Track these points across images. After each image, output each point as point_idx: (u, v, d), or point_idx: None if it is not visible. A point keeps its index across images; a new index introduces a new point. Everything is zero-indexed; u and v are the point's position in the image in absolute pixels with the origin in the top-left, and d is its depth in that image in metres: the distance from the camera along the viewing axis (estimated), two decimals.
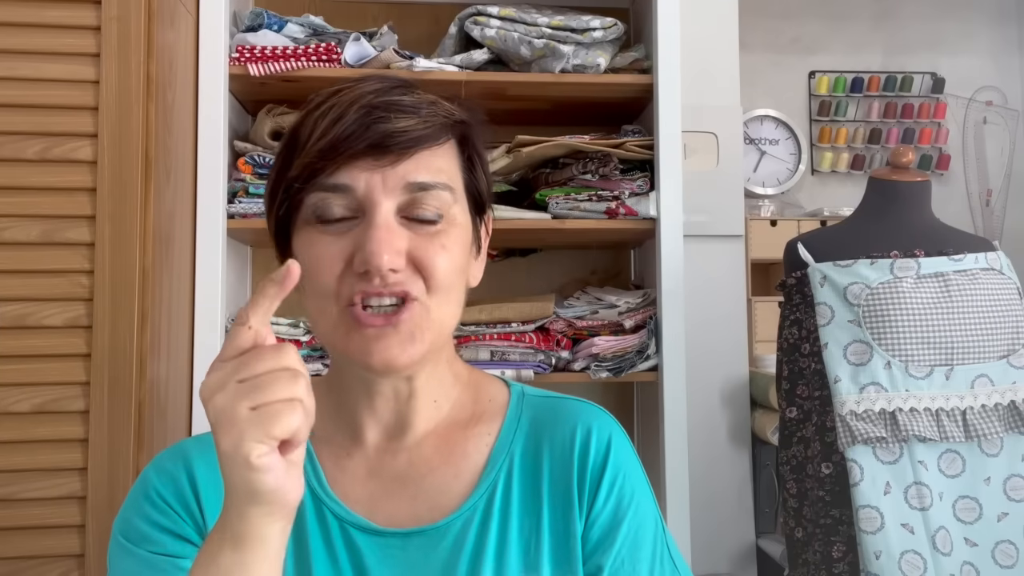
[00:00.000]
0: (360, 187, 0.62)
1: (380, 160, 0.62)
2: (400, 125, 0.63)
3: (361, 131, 0.62)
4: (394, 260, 0.61)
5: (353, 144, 0.62)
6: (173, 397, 1.42)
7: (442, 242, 0.64)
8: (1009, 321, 1.46)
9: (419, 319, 0.63)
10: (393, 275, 0.61)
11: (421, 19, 1.92)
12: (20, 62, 1.27)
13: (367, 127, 0.62)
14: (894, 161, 1.60)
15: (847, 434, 1.38)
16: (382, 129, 0.62)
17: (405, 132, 0.63)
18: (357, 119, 0.63)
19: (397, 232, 0.62)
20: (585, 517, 0.69)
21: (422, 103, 0.66)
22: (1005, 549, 1.38)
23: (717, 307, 2.09)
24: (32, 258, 1.26)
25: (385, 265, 0.60)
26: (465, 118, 0.69)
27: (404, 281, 0.62)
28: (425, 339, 0.64)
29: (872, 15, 3.27)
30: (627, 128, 1.78)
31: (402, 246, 0.62)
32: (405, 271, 0.62)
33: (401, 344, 0.62)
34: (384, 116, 0.63)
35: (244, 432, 0.50)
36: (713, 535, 2.05)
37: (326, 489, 0.69)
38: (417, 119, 0.64)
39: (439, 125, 0.65)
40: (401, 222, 0.63)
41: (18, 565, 1.23)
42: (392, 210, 0.63)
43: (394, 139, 0.62)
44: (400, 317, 0.62)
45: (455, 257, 0.65)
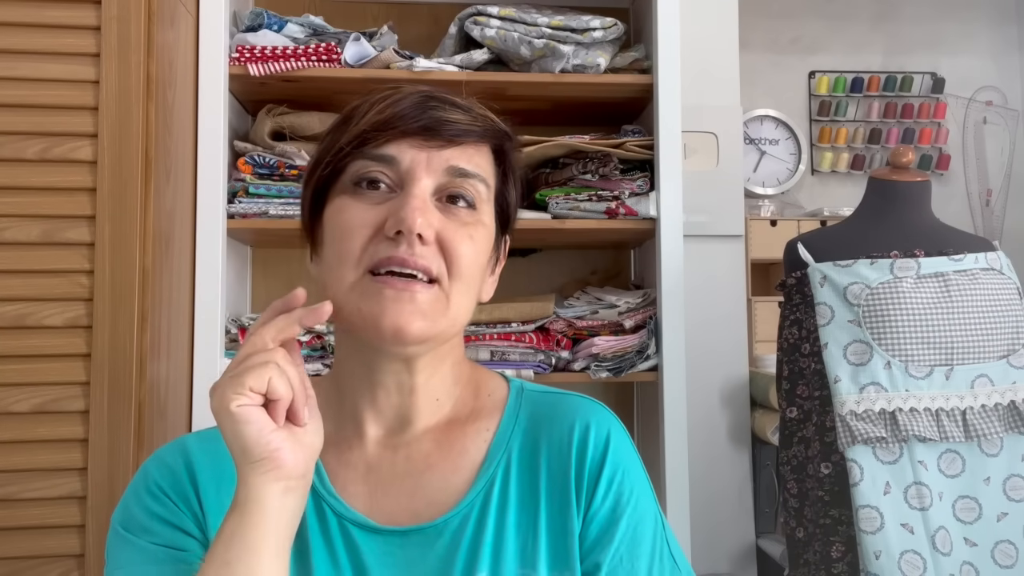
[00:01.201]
0: (405, 160, 0.65)
1: (429, 142, 0.66)
2: (453, 116, 0.67)
3: (417, 113, 0.66)
4: (425, 228, 0.63)
5: (407, 122, 0.66)
6: (173, 397, 1.42)
7: (471, 232, 0.67)
8: (1009, 321, 1.46)
9: (438, 301, 0.64)
10: (420, 246, 0.63)
11: (421, 19, 1.92)
12: (20, 62, 1.28)
13: (423, 111, 0.66)
14: (894, 161, 1.60)
15: (847, 434, 1.38)
16: (436, 115, 0.66)
17: (456, 122, 0.67)
18: (414, 103, 0.67)
19: (431, 208, 0.65)
20: (583, 514, 0.69)
21: (474, 107, 0.71)
22: (1005, 549, 1.39)
23: (717, 307, 2.09)
24: (32, 258, 1.26)
25: (417, 228, 0.62)
26: (508, 131, 0.74)
27: (429, 257, 0.64)
28: (438, 323, 0.64)
29: (872, 15, 3.27)
30: (627, 128, 1.78)
31: (435, 222, 0.64)
32: (432, 248, 0.64)
33: (414, 314, 0.63)
34: (439, 105, 0.67)
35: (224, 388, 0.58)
36: (713, 535, 2.05)
37: (326, 485, 0.69)
38: (468, 116, 0.68)
39: (485, 127, 0.70)
40: (436, 204, 0.66)
41: (18, 565, 1.23)
42: (430, 188, 0.66)
43: (445, 126, 0.66)
44: (419, 287, 0.63)
45: (479, 251, 0.68)
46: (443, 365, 0.72)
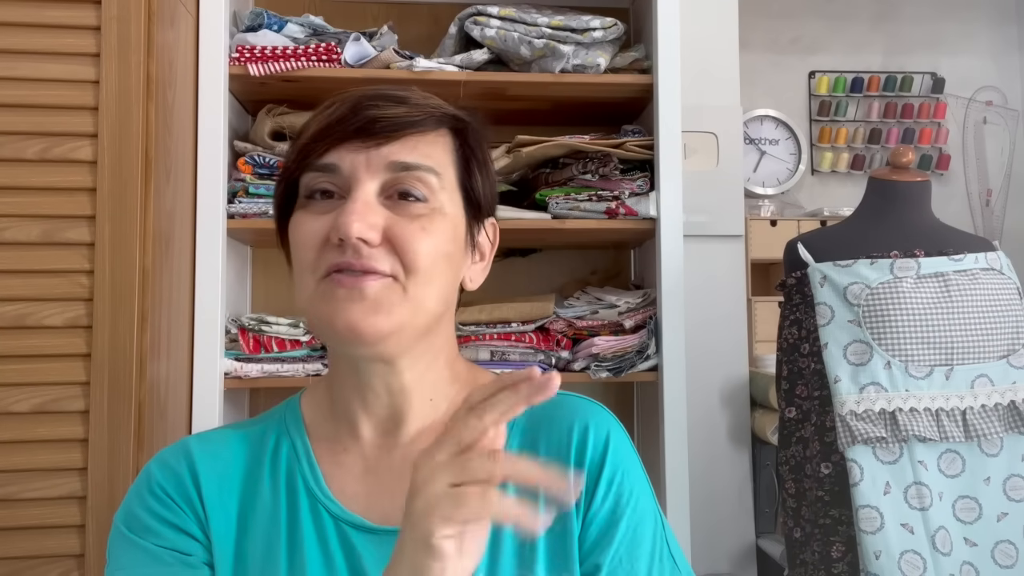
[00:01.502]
0: (345, 166, 0.65)
1: (366, 142, 0.65)
2: (389, 112, 0.66)
3: (350, 116, 0.66)
4: (365, 231, 0.62)
5: (343, 127, 0.66)
6: (173, 397, 1.42)
7: (423, 224, 0.65)
8: (1009, 321, 1.46)
9: (391, 292, 0.63)
10: (366, 249, 0.62)
11: (421, 19, 1.92)
12: (20, 62, 1.27)
13: (356, 112, 0.66)
14: (894, 161, 1.60)
15: (847, 434, 1.38)
16: (370, 115, 0.66)
17: (392, 117, 0.66)
18: (349, 107, 0.67)
19: (374, 208, 0.64)
20: (583, 515, 0.69)
21: (414, 96, 0.69)
22: (1005, 549, 1.39)
23: (717, 307, 2.09)
24: (32, 258, 1.26)
25: (354, 233, 0.61)
26: (458, 114, 0.71)
27: (379, 258, 0.63)
28: (393, 314, 0.63)
29: (872, 15, 3.27)
30: (627, 128, 1.78)
31: (377, 221, 0.63)
32: (380, 249, 0.63)
33: (365, 312, 0.62)
34: (374, 104, 0.67)
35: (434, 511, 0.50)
36: (713, 535, 2.05)
37: (322, 487, 0.69)
38: (406, 107, 0.67)
39: (428, 115, 0.68)
40: (384, 203, 0.65)
41: (18, 565, 1.23)
42: (374, 189, 0.65)
43: (380, 123, 0.65)
44: (365, 283, 0.62)
45: (438, 242, 0.66)
46: (435, 363, 0.71)
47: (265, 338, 1.58)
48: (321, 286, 0.64)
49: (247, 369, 1.55)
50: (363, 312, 0.62)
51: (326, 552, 0.67)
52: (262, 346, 1.57)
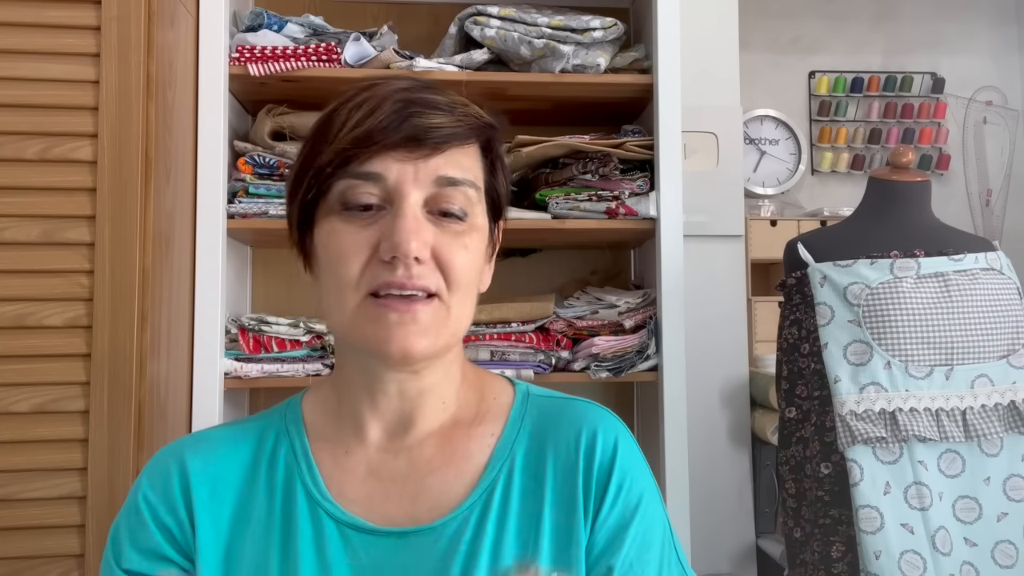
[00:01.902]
0: (392, 176, 0.63)
1: (413, 152, 0.63)
2: (435, 121, 0.64)
3: (397, 123, 0.63)
4: (421, 250, 0.62)
5: (389, 135, 0.63)
6: (173, 397, 1.42)
7: (464, 242, 0.65)
8: (1009, 321, 1.46)
9: (439, 315, 0.64)
10: (417, 266, 0.62)
11: (421, 19, 1.92)
12: (20, 62, 1.28)
13: (403, 119, 0.63)
14: (894, 161, 1.60)
15: (847, 434, 1.38)
16: (418, 123, 0.63)
17: (440, 128, 0.64)
18: (393, 111, 0.64)
19: (424, 224, 0.63)
20: (591, 521, 0.68)
21: (456, 104, 0.67)
22: (1005, 549, 1.38)
23: (717, 307, 2.09)
24: (32, 258, 1.26)
25: (413, 252, 0.61)
26: (492, 123, 0.71)
27: (427, 275, 0.63)
28: (441, 336, 0.64)
29: (872, 15, 3.27)
30: (627, 128, 1.78)
31: (429, 238, 0.63)
32: (428, 265, 0.63)
33: (419, 334, 0.62)
34: (420, 111, 0.64)
35: None
36: (713, 535, 2.05)
37: (321, 489, 0.68)
38: (451, 117, 0.65)
39: (469, 126, 0.67)
40: (427, 217, 0.64)
41: (18, 565, 1.23)
42: (420, 202, 0.64)
43: (429, 133, 0.64)
44: (420, 307, 0.62)
45: (475, 259, 0.67)
46: (451, 367, 0.72)
47: (265, 338, 1.58)
48: (367, 305, 0.63)
49: (247, 369, 1.55)
50: (416, 336, 0.62)
51: (322, 555, 0.66)
52: (262, 346, 1.57)
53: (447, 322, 0.65)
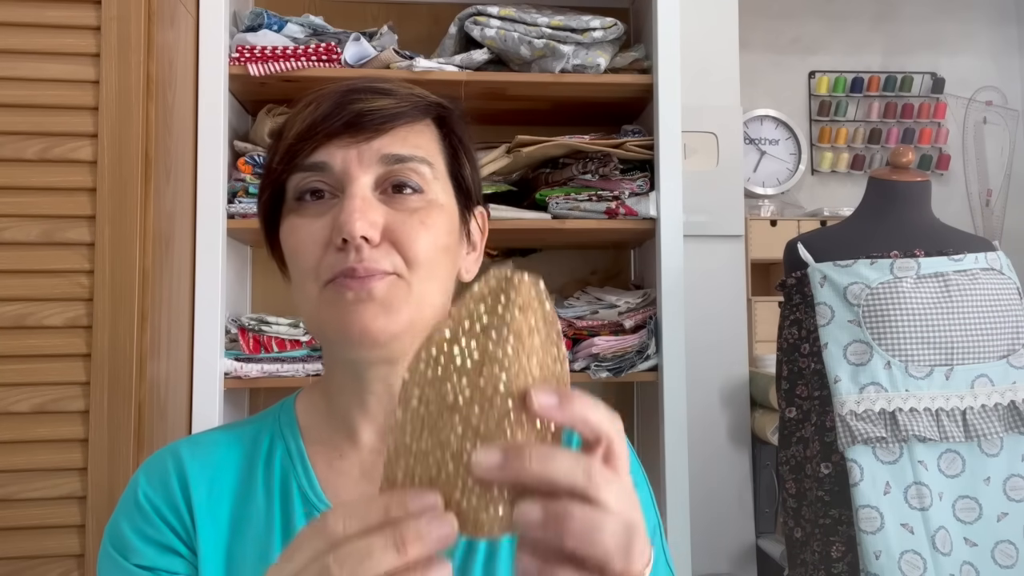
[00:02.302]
0: (337, 163, 0.63)
1: (356, 137, 0.63)
2: (375, 104, 0.64)
3: (337, 111, 0.64)
4: (367, 229, 0.60)
5: (329, 123, 0.63)
6: (173, 397, 1.42)
7: (421, 218, 0.64)
8: (1009, 321, 1.46)
9: (397, 290, 0.62)
10: (369, 249, 0.61)
11: (421, 19, 1.92)
12: (20, 62, 1.28)
13: (343, 107, 0.64)
14: (894, 161, 1.60)
15: (847, 434, 1.38)
16: (357, 108, 0.64)
17: (380, 110, 0.64)
18: (334, 102, 0.64)
19: (373, 204, 0.62)
20: None
21: (399, 87, 0.67)
22: (1005, 549, 1.38)
23: (717, 307, 2.09)
24: (32, 258, 1.26)
25: (358, 231, 0.60)
26: (442, 101, 0.70)
27: (380, 258, 0.61)
28: (402, 312, 0.62)
29: (872, 15, 3.27)
30: (627, 128, 1.78)
31: (378, 219, 0.62)
32: (382, 247, 0.62)
33: (376, 314, 0.61)
34: (359, 97, 0.64)
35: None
36: (713, 535, 2.05)
37: (317, 492, 0.68)
38: (392, 99, 0.65)
39: (414, 105, 0.66)
40: (380, 198, 0.63)
41: (18, 565, 1.23)
42: (369, 184, 0.63)
43: (368, 116, 0.63)
44: (373, 284, 0.61)
45: (437, 235, 0.64)
46: None
47: (265, 338, 1.58)
48: (326, 292, 0.62)
49: (247, 369, 1.55)
50: (373, 314, 0.61)
51: None
52: (262, 346, 1.57)
53: (408, 298, 0.62)
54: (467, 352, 0.40)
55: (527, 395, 0.40)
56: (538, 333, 0.41)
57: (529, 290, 0.41)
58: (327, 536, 0.40)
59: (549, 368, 0.41)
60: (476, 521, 0.39)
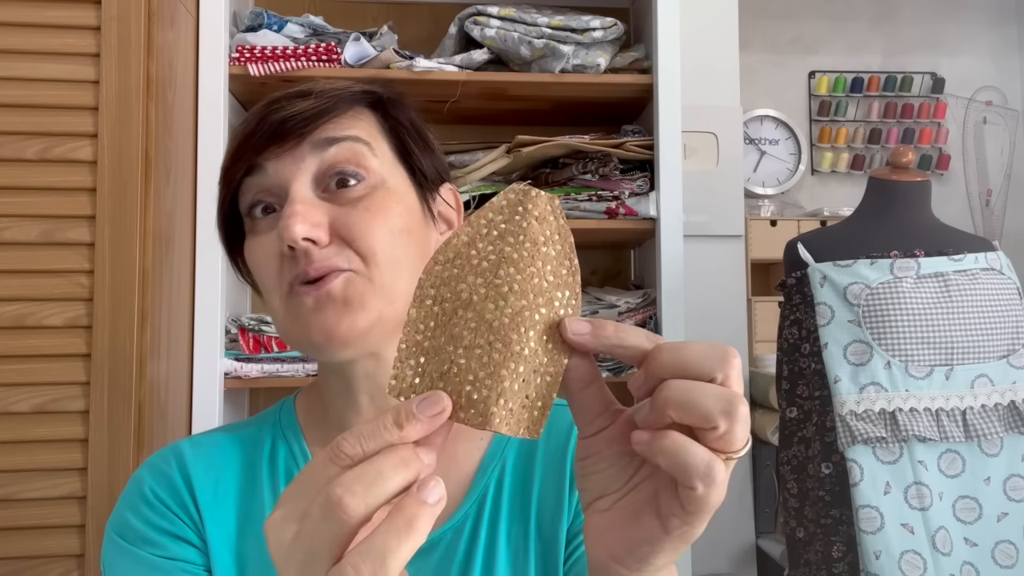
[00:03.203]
0: (270, 174, 0.63)
1: (283, 145, 0.62)
2: (294, 109, 0.63)
3: (259, 125, 0.63)
4: (309, 231, 0.59)
5: (255, 139, 0.63)
6: (173, 397, 1.42)
7: (367, 205, 0.62)
8: (1009, 321, 1.46)
9: (354, 286, 0.60)
10: (317, 250, 0.60)
11: (421, 19, 1.92)
12: (20, 62, 1.28)
13: (264, 120, 0.63)
14: (894, 161, 1.60)
15: (847, 434, 1.38)
16: (276, 117, 0.63)
17: (300, 113, 0.63)
18: (257, 117, 0.64)
19: (315, 204, 0.61)
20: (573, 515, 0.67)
21: (317, 86, 0.66)
22: (1005, 549, 1.38)
23: (717, 307, 2.09)
24: (32, 258, 1.26)
25: (299, 235, 0.58)
26: (368, 88, 0.68)
27: (330, 256, 0.60)
28: (369, 307, 0.60)
29: (872, 15, 3.27)
30: (627, 128, 1.78)
31: (320, 218, 0.60)
32: (332, 246, 0.60)
33: (338, 314, 0.59)
34: (279, 107, 0.63)
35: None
36: (713, 535, 2.05)
37: None
38: (312, 99, 0.64)
39: (336, 99, 0.65)
40: (323, 196, 0.62)
41: (18, 565, 1.23)
42: (307, 184, 0.62)
43: (289, 123, 0.62)
44: (328, 285, 0.59)
45: (390, 221, 0.62)
46: None
47: (265, 338, 1.58)
48: (288, 303, 0.61)
49: (247, 369, 1.55)
50: (336, 315, 0.59)
51: None
52: (262, 346, 1.57)
53: (371, 291, 0.60)
54: (483, 253, 0.41)
55: (560, 324, 0.41)
56: (553, 244, 0.42)
57: (546, 204, 0.42)
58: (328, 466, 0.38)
59: (563, 278, 0.42)
60: (486, 413, 0.39)
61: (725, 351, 0.39)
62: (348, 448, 0.38)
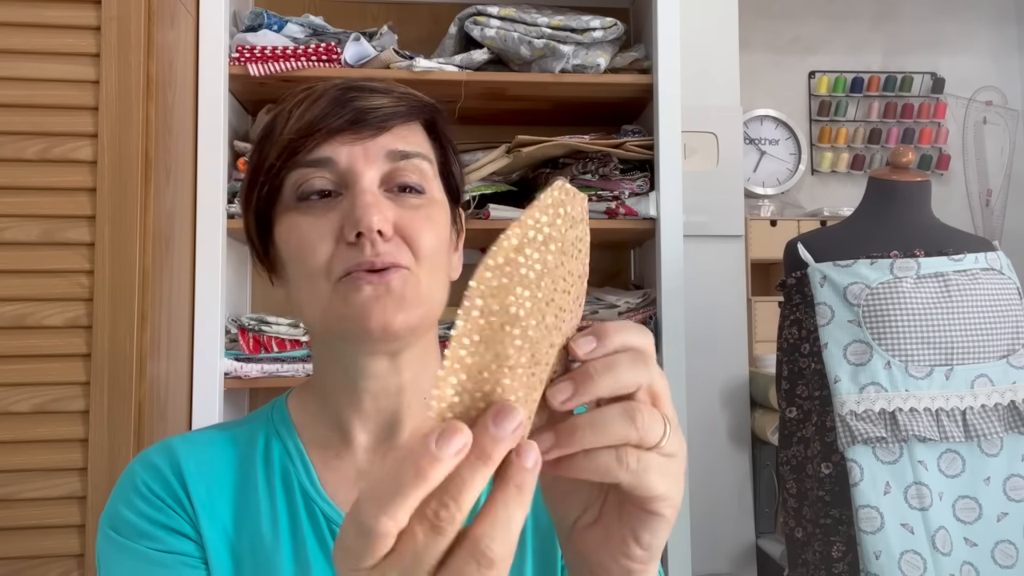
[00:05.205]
0: (343, 159, 0.63)
1: (359, 134, 0.63)
2: (376, 102, 0.64)
3: (338, 109, 0.63)
4: (384, 224, 0.61)
5: (332, 120, 0.63)
6: (173, 397, 1.42)
7: (427, 214, 0.64)
8: (1009, 321, 1.46)
9: (411, 284, 0.62)
10: (383, 243, 0.61)
11: (421, 19, 1.92)
12: (20, 62, 1.28)
13: (344, 104, 0.63)
14: (894, 161, 1.60)
15: (847, 434, 1.38)
16: (359, 105, 0.63)
17: (381, 107, 0.64)
18: (333, 99, 0.64)
19: (384, 200, 0.63)
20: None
21: (393, 86, 0.68)
22: (1005, 549, 1.39)
23: (717, 307, 2.10)
24: (32, 258, 1.26)
25: (376, 225, 0.60)
26: (434, 103, 0.70)
27: (394, 251, 0.62)
28: (415, 308, 0.62)
29: (872, 15, 3.27)
30: (627, 128, 1.78)
31: (390, 214, 0.62)
32: (393, 242, 0.62)
33: (395, 307, 0.61)
34: (358, 95, 0.64)
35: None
36: (713, 535, 2.05)
37: (318, 489, 0.67)
38: (390, 98, 0.65)
39: (411, 105, 0.67)
40: (385, 195, 0.63)
41: (18, 565, 1.23)
42: (376, 180, 0.63)
43: (371, 113, 0.63)
44: (391, 278, 0.61)
45: (440, 231, 0.65)
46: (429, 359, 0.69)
47: (265, 338, 1.58)
48: (341, 287, 0.62)
49: (247, 369, 1.55)
50: (394, 308, 0.61)
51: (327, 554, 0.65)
52: (262, 346, 1.57)
53: (419, 293, 0.63)
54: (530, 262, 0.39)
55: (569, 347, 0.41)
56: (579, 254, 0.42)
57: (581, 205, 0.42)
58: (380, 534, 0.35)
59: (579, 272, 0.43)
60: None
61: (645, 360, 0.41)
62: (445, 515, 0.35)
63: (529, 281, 0.39)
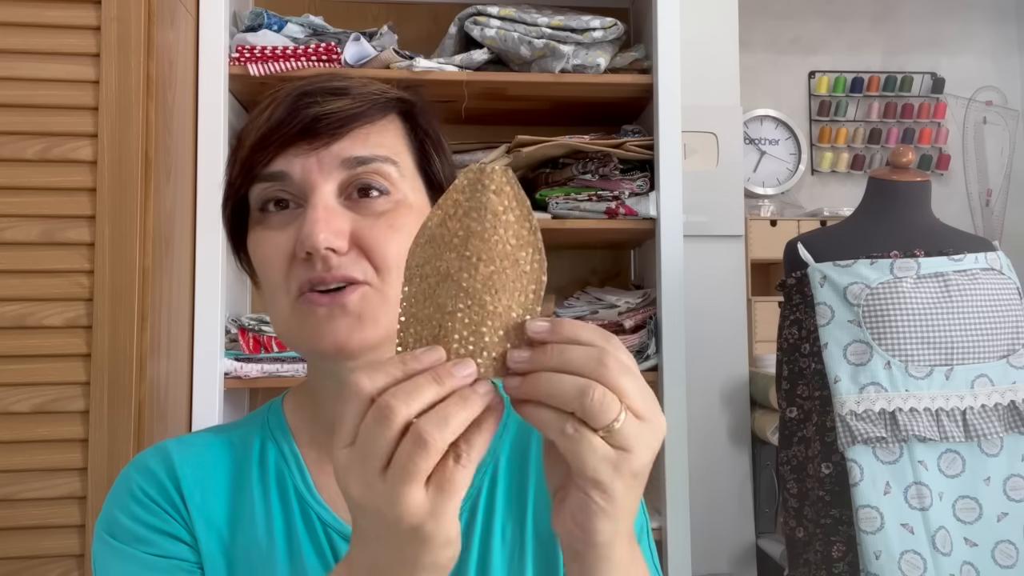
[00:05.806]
0: (296, 172, 0.61)
1: (313, 143, 0.61)
2: (330, 107, 0.62)
3: (291, 118, 0.61)
4: (332, 240, 0.59)
5: (283, 131, 0.61)
6: (173, 397, 1.42)
7: (390, 222, 0.62)
8: (1009, 321, 1.46)
9: (369, 301, 0.60)
10: (336, 258, 0.59)
11: (421, 19, 1.92)
12: (20, 62, 1.28)
13: (296, 113, 0.62)
14: (894, 161, 1.60)
15: (847, 434, 1.38)
16: (311, 113, 0.61)
17: (335, 112, 0.62)
18: (287, 108, 0.62)
19: (338, 213, 0.61)
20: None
21: (353, 85, 0.65)
22: (1005, 549, 1.39)
23: (717, 307, 2.10)
24: (32, 258, 1.26)
25: (322, 244, 0.58)
26: (403, 95, 0.67)
27: (348, 265, 0.60)
28: (380, 322, 0.61)
29: (872, 15, 3.27)
30: (627, 128, 1.78)
31: (343, 227, 0.60)
32: (350, 255, 0.60)
33: (350, 327, 0.59)
34: (312, 102, 0.62)
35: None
36: (713, 535, 2.05)
37: (313, 493, 0.67)
38: (348, 99, 0.63)
39: (372, 103, 0.64)
40: (345, 204, 0.62)
41: (18, 565, 1.23)
42: (332, 192, 0.61)
43: (323, 120, 0.61)
44: (345, 299, 0.59)
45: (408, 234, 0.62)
46: None
47: (265, 338, 1.58)
48: (297, 306, 0.61)
49: (247, 369, 1.55)
50: (348, 328, 0.59)
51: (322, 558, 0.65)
52: (262, 346, 1.57)
53: (384, 305, 0.61)
54: (453, 231, 0.47)
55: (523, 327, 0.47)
56: (512, 211, 0.48)
57: (501, 176, 0.48)
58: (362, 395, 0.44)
59: (525, 239, 0.48)
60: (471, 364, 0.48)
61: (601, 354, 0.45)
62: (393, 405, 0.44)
63: (455, 245, 0.47)
